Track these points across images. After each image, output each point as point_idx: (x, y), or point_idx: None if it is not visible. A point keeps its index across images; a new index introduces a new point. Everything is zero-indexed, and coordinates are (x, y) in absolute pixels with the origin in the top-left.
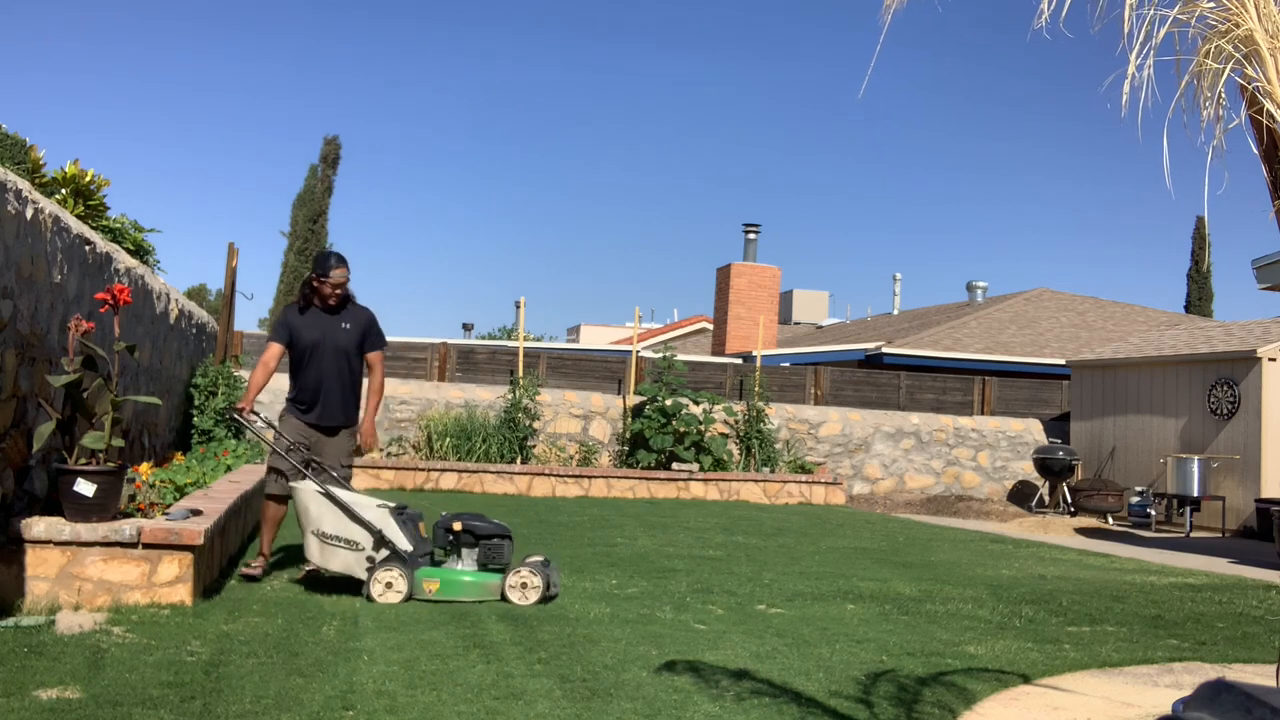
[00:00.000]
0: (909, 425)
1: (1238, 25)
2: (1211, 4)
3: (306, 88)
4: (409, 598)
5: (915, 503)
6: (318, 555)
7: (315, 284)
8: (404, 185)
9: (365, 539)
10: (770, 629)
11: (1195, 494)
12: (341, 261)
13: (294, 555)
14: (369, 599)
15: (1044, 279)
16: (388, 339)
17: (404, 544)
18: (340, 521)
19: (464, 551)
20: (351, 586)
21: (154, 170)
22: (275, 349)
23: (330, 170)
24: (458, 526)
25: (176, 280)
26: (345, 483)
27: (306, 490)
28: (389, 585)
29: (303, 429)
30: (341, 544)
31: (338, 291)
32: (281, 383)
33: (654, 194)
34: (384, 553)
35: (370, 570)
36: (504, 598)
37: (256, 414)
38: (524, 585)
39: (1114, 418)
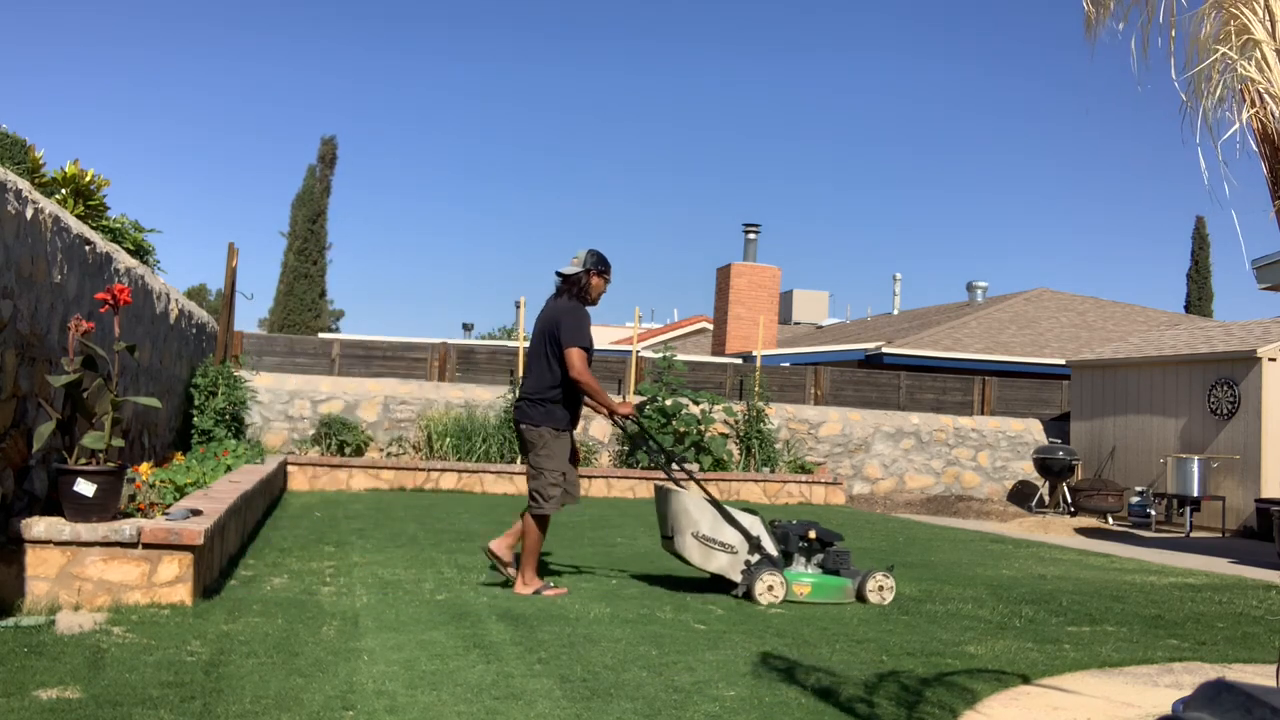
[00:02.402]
0: (909, 425)
1: (1242, 28)
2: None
3: (305, 88)
4: (783, 600)
5: (915, 503)
6: (697, 556)
7: (596, 279)
8: (403, 185)
9: (741, 543)
10: (770, 629)
11: (1195, 494)
12: None
13: (290, 555)
14: (748, 598)
15: (1044, 279)
16: (388, 339)
17: (773, 549)
18: (717, 525)
19: (810, 556)
20: (351, 588)
21: (154, 170)
22: (585, 355)
23: (328, 170)
24: (812, 535)
25: (176, 280)
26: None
27: (686, 495)
28: (770, 588)
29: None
30: (718, 546)
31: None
32: (276, 382)
33: (654, 194)
34: (756, 557)
35: (745, 573)
36: (860, 599)
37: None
38: (881, 588)
39: (1114, 418)
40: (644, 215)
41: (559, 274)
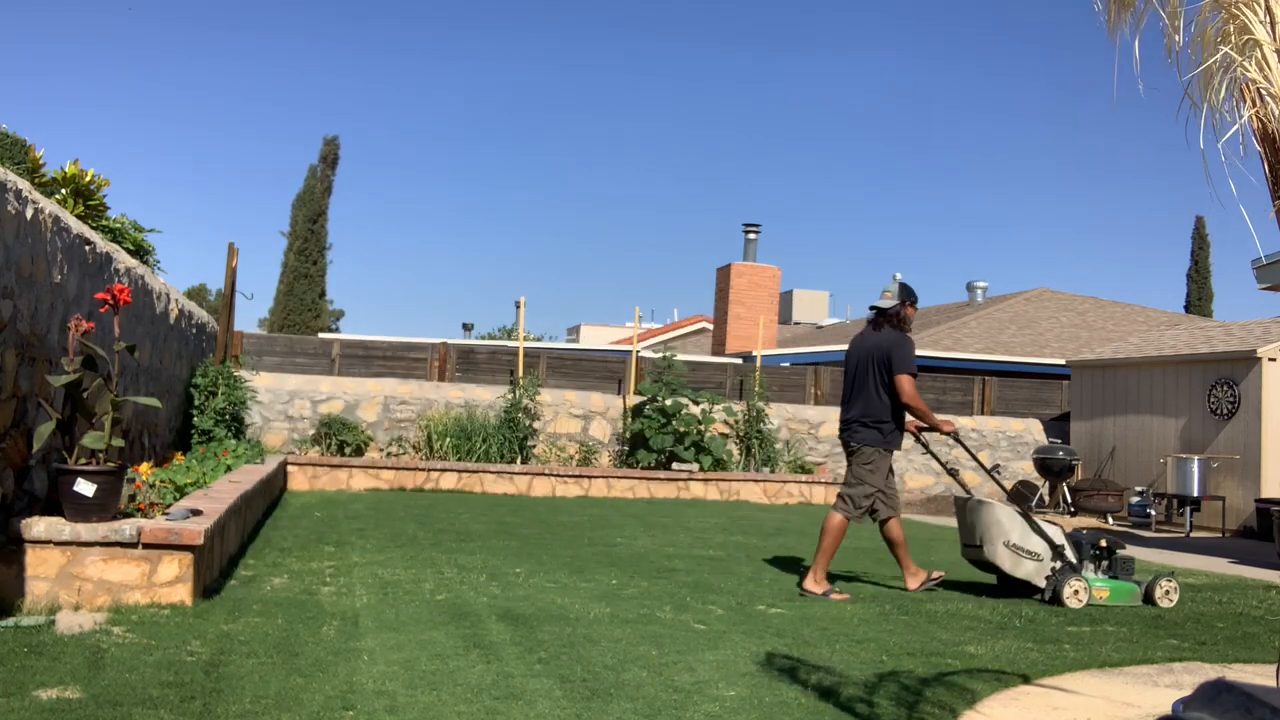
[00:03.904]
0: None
1: (1243, 27)
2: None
3: (306, 88)
4: (1085, 604)
5: (915, 503)
6: (1008, 563)
7: (910, 310)
8: (403, 185)
9: (1045, 551)
10: (770, 629)
11: (1195, 494)
12: None
13: (290, 555)
14: (1054, 602)
15: (1044, 279)
16: (388, 339)
17: (1074, 557)
18: (1025, 534)
19: (1098, 563)
20: (351, 588)
21: (154, 170)
22: (914, 381)
23: (329, 170)
24: (1103, 543)
25: (176, 280)
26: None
27: (998, 506)
28: (1076, 593)
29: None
30: (1026, 554)
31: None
32: (276, 382)
33: (654, 194)
34: (1059, 564)
35: (1051, 579)
36: (1148, 602)
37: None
38: (1168, 592)
39: (1114, 418)
40: (645, 215)
41: (874, 308)
